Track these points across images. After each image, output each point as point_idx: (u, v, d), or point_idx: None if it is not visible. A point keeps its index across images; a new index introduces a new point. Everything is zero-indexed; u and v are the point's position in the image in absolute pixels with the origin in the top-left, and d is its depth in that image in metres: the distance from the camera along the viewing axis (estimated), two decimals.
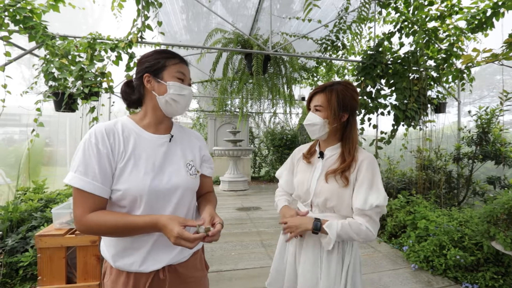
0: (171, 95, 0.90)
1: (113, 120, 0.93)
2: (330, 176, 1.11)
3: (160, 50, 0.95)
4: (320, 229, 1.06)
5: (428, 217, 2.89)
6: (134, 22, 2.74)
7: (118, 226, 0.79)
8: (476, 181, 3.53)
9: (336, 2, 3.89)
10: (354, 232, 1.03)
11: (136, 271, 0.86)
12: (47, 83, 2.52)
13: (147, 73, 0.91)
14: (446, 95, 3.70)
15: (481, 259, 2.36)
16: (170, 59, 0.93)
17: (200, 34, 5.12)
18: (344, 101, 1.10)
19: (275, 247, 3.26)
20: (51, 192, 3.34)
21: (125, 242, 0.87)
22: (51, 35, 2.56)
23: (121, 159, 0.85)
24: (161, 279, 0.89)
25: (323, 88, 1.13)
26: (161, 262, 0.89)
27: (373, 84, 3.45)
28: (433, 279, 2.45)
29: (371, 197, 1.04)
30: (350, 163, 1.09)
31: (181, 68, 0.94)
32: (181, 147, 0.99)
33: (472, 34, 3.12)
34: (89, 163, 0.80)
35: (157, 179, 0.87)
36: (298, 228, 1.09)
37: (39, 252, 1.36)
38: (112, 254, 0.88)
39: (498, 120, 3.26)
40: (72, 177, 0.79)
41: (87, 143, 0.82)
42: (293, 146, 8.14)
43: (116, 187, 0.83)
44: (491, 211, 2.09)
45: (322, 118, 1.11)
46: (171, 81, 0.91)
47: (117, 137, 0.87)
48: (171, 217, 0.78)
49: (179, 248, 0.92)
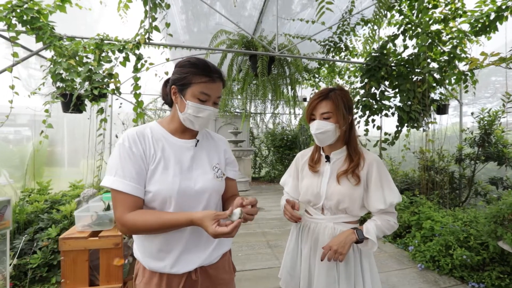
0: (188, 115, 0.90)
1: (142, 125, 0.96)
2: (342, 177, 1.14)
3: (194, 61, 0.91)
4: (363, 238, 1.07)
5: (433, 218, 2.92)
6: (142, 23, 2.74)
7: (156, 224, 0.81)
8: (478, 182, 3.58)
9: (339, 4, 3.91)
10: (387, 229, 1.11)
11: (169, 272, 0.88)
12: (55, 84, 2.51)
13: (174, 85, 0.92)
14: (449, 96, 3.74)
15: (486, 258, 2.39)
16: (198, 76, 0.88)
17: (200, 34, 5.12)
18: (348, 104, 1.14)
19: (281, 247, 3.29)
20: (55, 193, 3.32)
21: (158, 244, 0.89)
22: (58, 36, 2.55)
23: (152, 161, 0.89)
24: (193, 280, 0.91)
25: (326, 95, 1.13)
26: (194, 264, 0.91)
27: (377, 86, 3.49)
28: (440, 279, 2.48)
29: (388, 196, 1.10)
30: (359, 161, 1.14)
31: (206, 88, 0.89)
32: (207, 151, 1.01)
33: (475, 37, 3.16)
34: (126, 166, 0.84)
35: (186, 181, 0.90)
36: (344, 245, 1.05)
37: (63, 255, 1.35)
38: (145, 256, 0.91)
39: (500, 122, 3.31)
40: (113, 181, 0.82)
41: (121, 147, 0.86)
42: (293, 147, 8.17)
43: (147, 188, 0.87)
44: (498, 212, 2.13)
45: (333, 124, 1.11)
46: (191, 102, 0.89)
47: (148, 140, 0.91)
48: (204, 215, 0.79)
49: (210, 249, 0.95)
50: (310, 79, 5.95)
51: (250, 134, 8.92)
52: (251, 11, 4.50)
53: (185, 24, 4.84)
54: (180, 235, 0.90)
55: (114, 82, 2.68)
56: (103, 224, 1.51)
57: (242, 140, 6.95)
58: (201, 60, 0.92)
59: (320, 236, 1.17)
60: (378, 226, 1.09)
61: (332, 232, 1.15)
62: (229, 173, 1.08)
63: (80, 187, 3.50)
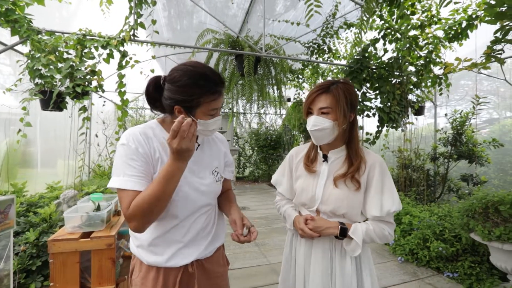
0: (200, 131, 0.89)
1: (142, 125, 0.94)
2: (339, 181, 1.04)
3: (198, 78, 0.82)
4: (346, 235, 1.00)
5: (412, 213, 3.09)
6: (126, 19, 2.67)
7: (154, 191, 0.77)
8: (451, 179, 3.83)
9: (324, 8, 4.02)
10: (378, 236, 1.00)
11: (166, 266, 0.89)
12: (33, 80, 2.38)
13: (178, 106, 0.84)
14: (425, 98, 3.97)
15: (459, 249, 2.57)
16: (207, 96, 0.83)
17: (183, 32, 5.06)
18: (351, 100, 1.03)
19: (268, 245, 3.33)
20: (31, 195, 3.14)
21: (156, 238, 0.90)
22: (36, 30, 2.42)
23: (157, 163, 0.88)
24: (190, 273, 0.93)
25: (327, 88, 1.02)
26: (191, 257, 0.92)
27: (359, 88, 3.63)
28: (418, 270, 2.63)
29: (385, 202, 1.00)
30: (359, 166, 1.04)
31: (216, 104, 0.86)
32: (208, 154, 1.02)
33: (448, 43, 3.38)
34: (132, 164, 0.82)
35: (187, 185, 0.92)
36: (326, 229, 1.00)
37: (52, 258, 1.29)
38: (142, 250, 0.91)
39: (470, 123, 3.56)
40: (121, 181, 0.81)
41: (126, 148, 0.84)
42: (277, 147, 8.25)
43: None
44: (470, 206, 2.30)
45: (332, 121, 1.00)
46: (202, 120, 0.86)
47: (151, 142, 0.89)
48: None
49: (206, 242, 0.97)
50: (294, 79, 6.06)
51: (234, 134, 8.91)
52: (236, 11, 4.51)
53: (168, 22, 4.76)
54: (179, 229, 0.91)
55: (97, 80, 2.59)
56: (94, 224, 1.46)
57: (227, 140, 6.93)
58: (203, 74, 0.84)
59: (314, 243, 1.08)
60: (369, 230, 1.00)
61: (328, 238, 1.06)
62: (227, 175, 1.11)
63: (58, 188, 3.34)
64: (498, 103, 3.97)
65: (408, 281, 2.45)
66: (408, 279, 2.49)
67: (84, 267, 1.42)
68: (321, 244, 1.07)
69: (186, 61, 0.94)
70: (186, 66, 0.84)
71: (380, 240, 1.02)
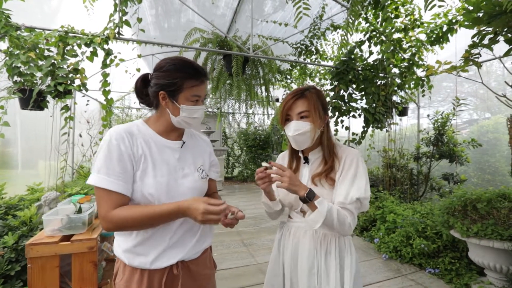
0: (184, 117, 0.93)
1: (128, 123, 0.95)
2: (316, 180, 1.08)
3: (181, 64, 0.90)
4: (312, 199, 0.95)
5: (396, 211, 3.17)
6: (111, 16, 2.61)
7: (143, 217, 0.81)
8: (433, 178, 3.96)
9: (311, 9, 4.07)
10: (339, 221, 0.96)
11: (151, 268, 0.88)
12: (12, 78, 2.29)
13: (162, 91, 0.91)
14: (408, 100, 4.08)
15: (440, 246, 2.66)
16: (189, 80, 0.90)
17: (170, 31, 5.00)
18: (323, 103, 1.09)
19: (256, 245, 3.33)
20: (10, 197, 3.02)
21: (141, 240, 0.89)
22: (15, 26, 2.34)
23: (140, 161, 0.89)
24: (175, 275, 0.92)
25: (302, 93, 1.07)
26: (175, 258, 0.91)
27: (345, 89, 3.69)
28: (402, 267, 2.71)
29: (352, 190, 1.00)
30: (333, 164, 1.08)
31: (197, 90, 0.92)
32: (192, 152, 1.04)
33: (430, 46, 3.49)
34: (112, 163, 0.83)
35: (173, 182, 0.92)
36: (292, 185, 0.94)
37: (30, 262, 1.25)
38: (127, 253, 0.90)
39: (451, 123, 3.69)
40: (97, 178, 0.82)
41: (109, 144, 0.85)
42: (266, 147, 8.29)
43: (135, 188, 0.87)
44: (450, 204, 2.39)
45: (311, 123, 1.04)
46: (185, 105, 0.91)
47: (135, 140, 0.90)
48: (194, 198, 0.83)
49: (191, 243, 0.96)
50: (282, 80, 6.10)
51: (223, 134, 8.88)
52: (224, 10, 4.49)
53: (155, 20, 4.69)
54: (165, 229, 0.91)
55: (80, 78, 2.52)
56: (75, 227, 1.42)
57: (215, 140, 6.90)
58: (187, 62, 0.92)
59: (301, 243, 1.10)
60: (333, 209, 0.96)
61: (313, 236, 1.08)
62: (212, 175, 1.12)
63: (39, 190, 3.23)
64: (477, 105, 4.14)
65: (391, 277, 2.52)
66: (392, 275, 2.55)
67: (65, 271, 1.37)
68: (307, 245, 1.08)
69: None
70: (173, 57, 0.93)
71: (339, 226, 0.96)
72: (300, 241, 1.11)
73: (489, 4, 1.59)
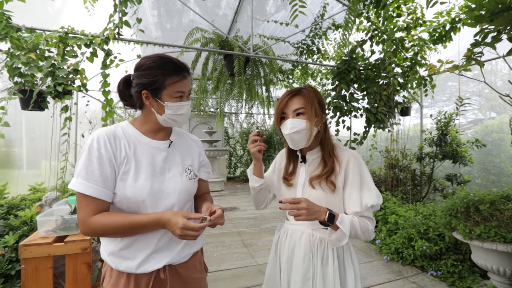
0: (169, 115, 0.91)
1: (113, 125, 0.94)
2: (315, 182, 1.04)
3: (160, 61, 0.88)
4: (333, 222, 0.92)
5: (398, 212, 3.13)
6: (111, 17, 2.62)
7: (123, 226, 0.81)
8: (436, 178, 3.90)
9: (312, 8, 4.05)
10: (362, 230, 0.96)
11: (137, 272, 0.87)
12: (12, 79, 2.31)
13: (145, 90, 0.89)
14: (411, 99, 4.04)
15: (443, 248, 2.62)
16: (170, 77, 0.88)
17: (172, 31, 5.01)
18: (320, 101, 1.06)
19: (257, 246, 3.32)
20: (12, 197, 3.05)
21: (127, 244, 0.88)
22: (16, 27, 2.35)
23: (122, 163, 0.87)
24: (162, 280, 0.90)
25: (298, 91, 1.04)
26: (161, 262, 0.90)
27: (347, 88, 3.66)
28: (403, 269, 2.67)
29: (364, 197, 0.99)
30: (333, 166, 1.04)
31: (180, 86, 0.90)
32: (180, 152, 1.01)
33: (433, 45, 3.44)
34: (91, 168, 0.82)
35: (157, 184, 0.90)
36: (311, 215, 0.90)
37: (23, 263, 1.25)
38: (113, 256, 0.89)
39: (454, 123, 3.64)
40: (75, 182, 0.81)
41: (89, 148, 0.83)
42: (268, 147, 8.27)
43: (117, 191, 0.85)
44: (452, 205, 2.35)
45: (307, 121, 1.00)
46: (169, 102, 0.89)
47: (118, 142, 0.89)
48: (174, 212, 0.82)
49: (179, 247, 0.94)
50: (284, 80, 6.08)
51: (225, 134, 8.88)
52: (225, 10, 4.49)
53: (157, 20, 4.70)
54: (152, 234, 0.89)
55: (80, 79, 2.53)
56: (69, 228, 1.42)
57: (217, 140, 6.90)
58: (166, 58, 0.89)
59: (296, 247, 1.07)
60: (354, 221, 0.95)
61: (310, 239, 1.04)
62: (203, 175, 1.09)
63: (41, 190, 3.26)
64: (482, 104, 4.08)
65: (393, 280, 2.48)
66: (393, 278, 2.52)
67: (59, 272, 1.38)
68: (303, 248, 1.05)
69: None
70: (152, 55, 0.90)
71: (363, 235, 0.97)
72: (296, 244, 1.07)
73: (492, 1, 1.55)
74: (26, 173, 4.14)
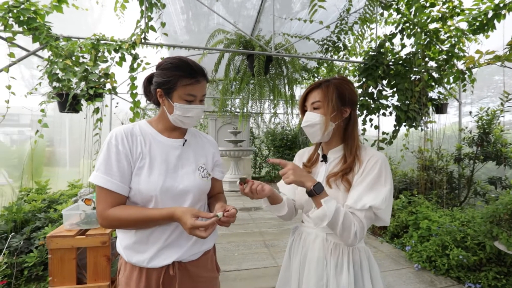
0: (178, 116, 0.94)
1: (132, 123, 0.98)
2: (331, 180, 0.98)
3: (177, 64, 0.91)
4: (319, 193, 0.86)
5: (430, 217, 2.90)
6: (138, 23, 2.75)
7: (137, 219, 0.84)
8: (477, 182, 3.55)
9: (337, 3, 3.90)
10: (343, 225, 0.86)
11: (148, 266, 0.90)
12: (51, 84, 2.53)
13: (159, 88, 0.93)
14: (447, 95, 3.72)
15: (483, 259, 2.37)
16: (183, 79, 0.90)
17: (200, 34, 5.14)
18: (343, 95, 0.99)
19: (278, 247, 3.28)
20: (53, 192, 3.34)
21: (139, 238, 0.91)
22: (55, 36, 2.57)
23: (138, 159, 0.91)
24: (171, 276, 0.92)
25: (319, 84, 1.02)
26: (171, 258, 0.92)
27: (374, 85, 3.47)
28: (436, 279, 2.46)
29: (366, 196, 0.89)
30: (352, 164, 0.97)
31: (192, 89, 0.92)
32: (194, 151, 1.03)
33: (473, 36, 3.14)
34: (109, 163, 0.86)
35: (170, 180, 0.92)
36: (298, 176, 0.88)
37: (50, 253, 1.37)
38: (126, 250, 0.92)
39: (499, 121, 3.28)
40: (95, 176, 0.86)
41: (108, 144, 0.88)
42: (293, 147, 8.15)
43: (132, 185, 0.89)
44: (494, 211, 2.11)
45: (322, 115, 0.97)
46: (178, 103, 0.92)
47: (135, 139, 0.93)
48: (185, 210, 0.83)
49: (188, 244, 0.95)
50: (309, 78, 5.94)
51: (250, 134, 8.92)
52: (249, 11, 4.51)
53: (185, 24, 4.86)
54: (163, 229, 0.92)
55: (110, 82, 2.69)
56: (91, 222, 1.52)
57: (242, 140, 6.96)
58: (184, 61, 0.92)
59: (310, 251, 1.02)
60: (340, 210, 0.86)
61: (323, 245, 0.99)
62: (217, 175, 1.10)
63: (78, 186, 3.53)
64: None
65: None
66: None
67: (83, 263, 1.47)
68: (316, 253, 1.00)
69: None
70: (173, 57, 0.93)
71: (342, 232, 0.86)
72: (309, 248, 1.02)
73: None
74: (69, 170, 4.53)
